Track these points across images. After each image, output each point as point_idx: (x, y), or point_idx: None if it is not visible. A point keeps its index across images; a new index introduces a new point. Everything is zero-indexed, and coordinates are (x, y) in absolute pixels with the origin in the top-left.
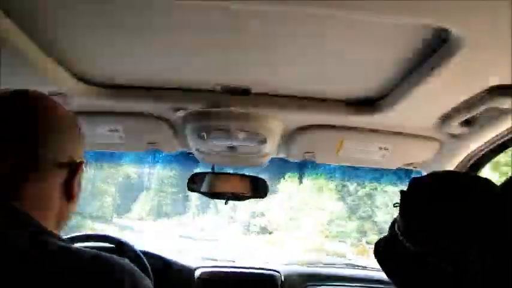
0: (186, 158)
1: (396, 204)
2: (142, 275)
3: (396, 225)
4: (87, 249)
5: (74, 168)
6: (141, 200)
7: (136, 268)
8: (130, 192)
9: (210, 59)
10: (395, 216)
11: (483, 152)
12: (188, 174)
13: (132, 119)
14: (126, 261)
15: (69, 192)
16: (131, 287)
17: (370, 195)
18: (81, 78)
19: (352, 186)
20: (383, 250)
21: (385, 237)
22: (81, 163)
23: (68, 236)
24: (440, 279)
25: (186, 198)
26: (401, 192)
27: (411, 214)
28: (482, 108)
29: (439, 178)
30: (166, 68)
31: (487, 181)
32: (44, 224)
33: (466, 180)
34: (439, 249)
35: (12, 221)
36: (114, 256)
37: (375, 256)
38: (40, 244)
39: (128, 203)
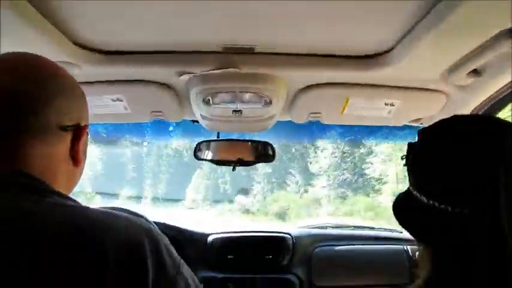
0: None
1: (403, 157)
2: (160, 232)
3: (409, 182)
4: (101, 208)
5: (78, 132)
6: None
7: (152, 226)
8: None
9: (212, 18)
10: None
11: (492, 103)
12: None
13: (134, 87)
14: (142, 220)
15: (75, 157)
16: (150, 246)
17: None
18: (80, 44)
19: None
20: (398, 206)
21: (401, 193)
22: (85, 127)
23: None
24: (459, 224)
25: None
26: (409, 144)
27: (419, 165)
28: (491, 55)
29: (445, 123)
30: (167, 31)
31: (497, 120)
32: (55, 187)
33: (474, 122)
34: (451, 193)
35: (22, 184)
36: (130, 215)
37: (394, 213)
38: (51, 204)
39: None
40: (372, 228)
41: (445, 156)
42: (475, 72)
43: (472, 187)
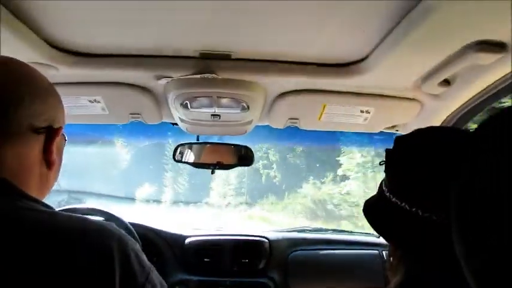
0: None
1: (382, 163)
2: (130, 238)
3: (383, 183)
4: (72, 214)
5: (51, 134)
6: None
7: (122, 232)
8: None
9: (190, 24)
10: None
11: (463, 112)
12: None
13: (112, 89)
14: (113, 224)
15: (48, 159)
16: (119, 251)
17: None
18: (57, 46)
19: None
20: (371, 209)
21: (373, 196)
22: (59, 129)
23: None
24: (427, 229)
25: None
26: (387, 150)
27: (396, 170)
28: (461, 65)
29: (422, 133)
30: (144, 35)
31: (469, 133)
32: (26, 190)
33: (449, 134)
34: (421, 198)
35: None
36: (101, 220)
37: (365, 215)
38: (21, 209)
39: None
40: (350, 233)
41: (417, 162)
42: (446, 81)
43: (439, 195)
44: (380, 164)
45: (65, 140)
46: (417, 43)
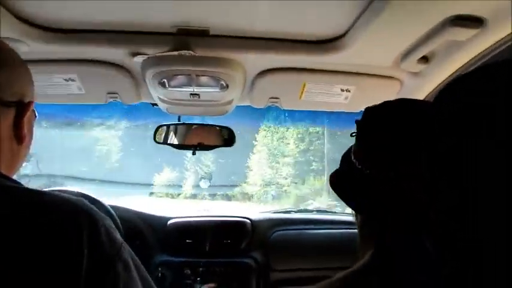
0: None
1: (353, 134)
2: (102, 214)
3: (353, 155)
4: (42, 190)
5: (22, 108)
6: None
7: (93, 207)
8: None
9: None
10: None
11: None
12: None
13: (87, 67)
14: (82, 200)
15: (19, 134)
16: (88, 227)
17: None
18: (27, 21)
19: None
20: (339, 179)
21: (338, 170)
22: (30, 103)
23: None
24: (398, 194)
25: None
26: (357, 121)
27: (368, 140)
28: (438, 41)
29: (392, 104)
30: (119, 9)
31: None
32: None
33: (414, 104)
34: (385, 163)
35: None
36: (69, 195)
37: (333, 189)
38: None
39: None
40: (334, 213)
41: (381, 129)
42: (425, 59)
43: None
44: (351, 136)
45: (35, 116)
46: (394, 19)
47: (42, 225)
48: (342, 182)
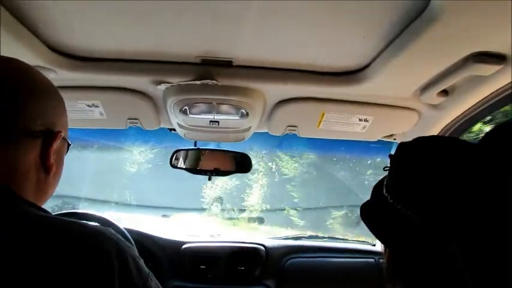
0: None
1: (386, 168)
2: (128, 243)
3: (385, 189)
4: (68, 218)
5: (49, 138)
6: None
7: (120, 237)
8: None
9: (192, 29)
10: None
11: (461, 122)
12: None
13: (111, 94)
14: (110, 230)
15: (45, 164)
16: (117, 256)
17: None
18: (56, 50)
19: None
20: (370, 212)
21: (369, 201)
22: (58, 133)
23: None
24: (420, 234)
25: None
26: (390, 156)
27: (397, 174)
28: (460, 76)
29: (424, 140)
30: (146, 39)
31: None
32: (21, 194)
33: (448, 142)
34: (417, 202)
35: None
36: (98, 225)
37: (363, 220)
38: (18, 214)
39: None
40: (345, 241)
41: (417, 167)
42: (445, 92)
43: (435, 201)
44: (384, 170)
45: (69, 145)
46: (417, 54)
47: (72, 256)
48: (372, 214)
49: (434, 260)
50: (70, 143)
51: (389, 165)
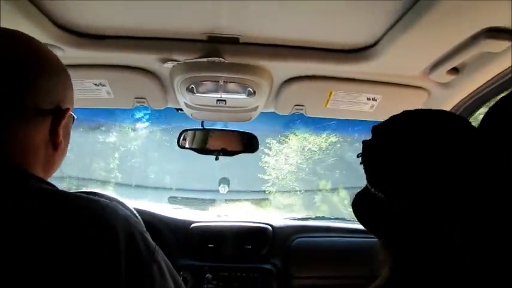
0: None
1: (359, 155)
2: (136, 219)
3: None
4: (74, 191)
5: (59, 115)
6: None
7: (127, 212)
8: None
9: (198, 5)
10: None
11: (471, 101)
12: None
13: (118, 72)
14: (117, 205)
15: (54, 141)
16: (124, 231)
17: None
18: (63, 27)
19: None
20: (356, 202)
21: (359, 192)
22: (67, 110)
23: None
24: (404, 219)
25: None
26: (363, 142)
27: (369, 161)
28: (471, 53)
29: (394, 120)
30: (151, 16)
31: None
32: (30, 171)
33: (424, 117)
34: (396, 187)
35: None
36: (105, 199)
37: (353, 210)
38: (28, 191)
39: None
40: (353, 221)
41: (393, 152)
42: (455, 70)
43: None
44: (357, 157)
45: (74, 119)
46: (427, 30)
47: (79, 228)
48: (356, 203)
49: (423, 242)
50: (75, 116)
51: (361, 152)
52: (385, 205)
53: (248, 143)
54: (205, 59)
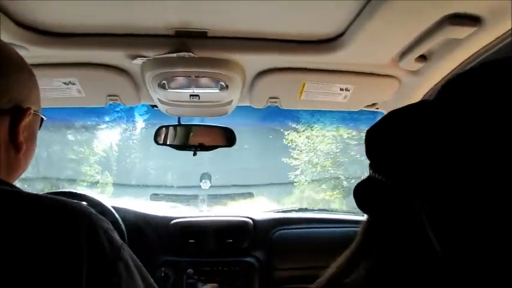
0: None
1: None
2: (101, 217)
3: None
4: (40, 194)
5: (18, 115)
6: None
7: (93, 211)
8: None
9: (163, 1)
10: None
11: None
12: None
13: (87, 70)
14: (80, 203)
15: (15, 141)
16: (87, 229)
17: None
18: (26, 26)
19: None
20: (358, 189)
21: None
22: (27, 109)
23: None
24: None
25: None
26: (367, 131)
27: (373, 144)
28: (436, 40)
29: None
30: (117, 12)
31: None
32: None
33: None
34: (399, 170)
35: None
36: (70, 199)
37: (354, 197)
38: None
39: None
40: (336, 212)
41: (390, 136)
42: (423, 57)
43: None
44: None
45: (42, 120)
46: (392, 17)
47: (41, 230)
48: (357, 189)
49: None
50: (44, 117)
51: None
52: (379, 184)
53: (226, 137)
54: (174, 54)
